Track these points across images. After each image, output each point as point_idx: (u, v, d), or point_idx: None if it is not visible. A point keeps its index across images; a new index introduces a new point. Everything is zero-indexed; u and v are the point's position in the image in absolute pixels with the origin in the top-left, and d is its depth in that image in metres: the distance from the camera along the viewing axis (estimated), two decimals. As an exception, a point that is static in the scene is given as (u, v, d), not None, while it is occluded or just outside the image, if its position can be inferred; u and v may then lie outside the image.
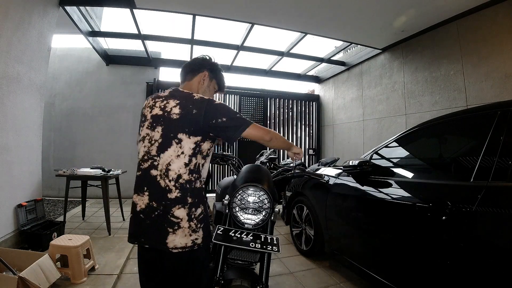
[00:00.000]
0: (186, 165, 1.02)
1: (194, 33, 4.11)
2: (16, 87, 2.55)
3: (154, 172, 1.03)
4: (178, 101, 1.06)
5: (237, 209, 1.18)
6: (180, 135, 1.02)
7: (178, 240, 0.99)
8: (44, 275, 1.71)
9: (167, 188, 1.01)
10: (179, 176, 1.01)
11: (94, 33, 4.31)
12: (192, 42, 4.43)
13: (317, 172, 2.47)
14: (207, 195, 6.16)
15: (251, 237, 1.08)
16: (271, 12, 3.43)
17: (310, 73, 6.38)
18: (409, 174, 1.74)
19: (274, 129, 6.44)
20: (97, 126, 5.29)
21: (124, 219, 3.70)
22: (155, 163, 1.03)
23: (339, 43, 4.84)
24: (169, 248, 0.99)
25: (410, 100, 3.92)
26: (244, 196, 1.19)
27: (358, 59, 5.07)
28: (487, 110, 1.39)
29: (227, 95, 6.07)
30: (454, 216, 1.26)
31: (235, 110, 1.09)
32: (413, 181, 1.66)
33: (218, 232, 1.09)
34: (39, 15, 2.86)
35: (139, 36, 4.20)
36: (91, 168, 3.27)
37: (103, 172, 3.22)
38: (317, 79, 6.58)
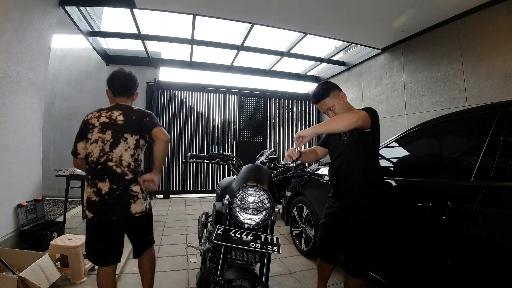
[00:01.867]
0: (132, 156, 1.45)
1: (194, 33, 4.11)
2: (16, 87, 2.55)
3: (110, 163, 1.41)
4: (121, 111, 1.48)
5: (237, 209, 1.18)
6: (126, 135, 1.44)
7: (138, 207, 1.44)
8: (44, 275, 1.72)
9: (123, 173, 1.41)
10: (129, 164, 1.44)
11: (94, 33, 4.31)
12: (192, 42, 4.43)
13: (317, 172, 2.47)
14: (207, 195, 6.14)
15: (251, 237, 1.08)
16: (271, 12, 3.43)
17: (310, 73, 6.38)
18: (409, 174, 1.74)
19: (274, 129, 6.45)
20: (97, 126, 5.28)
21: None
22: (110, 157, 1.41)
23: (339, 43, 4.84)
24: (133, 215, 1.42)
25: (410, 100, 3.92)
26: (244, 196, 1.19)
27: (358, 59, 5.07)
28: (487, 110, 1.39)
29: (227, 95, 6.07)
30: (454, 216, 1.26)
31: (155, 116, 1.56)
32: (413, 181, 1.66)
33: (218, 232, 1.09)
34: (39, 15, 2.86)
35: (139, 36, 4.20)
36: (91, 168, 3.26)
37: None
38: (317, 79, 6.58)
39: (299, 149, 1.45)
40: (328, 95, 1.60)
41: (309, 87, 7.27)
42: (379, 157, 1.98)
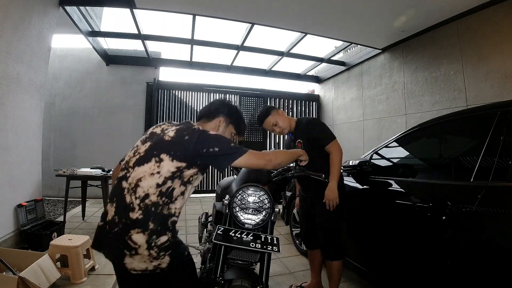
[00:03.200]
0: (158, 185, 0.93)
1: (194, 33, 4.11)
2: (16, 87, 2.55)
3: (124, 184, 0.97)
4: (178, 127, 1.05)
5: (237, 209, 1.18)
6: (162, 155, 0.96)
7: (136, 263, 0.91)
8: (44, 275, 1.71)
9: (131, 205, 0.92)
10: (146, 196, 0.92)
11: (94, 33, 4.31)
12: (192, 42, 4.43)
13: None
14: (207, 195, 6.14)
15: (251, 237, 1.08)
16: (271, 12, 3.43)
17: (310, 73, 6.38)
18: (409, 174, 1.74)
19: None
20: (97, 126, 5.29)
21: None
22: (128, 174, 0.98)
23: (339, 43, 4.84)
24: (127, 269, 0.92)
25: (410, 100, 3.92)
26: (244, 196, 1.19)
27: (358, 59, 5.07)
28: (487, 110, 1.39)
29: (227, 95, 6.07)
30: (454, 216, 1.26)
31: (235, 145, 1.04)
32: (413, 181, 1.66)
33: (218, 232, 1.09)
34: (39, 15, 2.86)
35: (139, 36, 4.20)
36: (91, 168, 3.27)
37: (103, 172, 3.22)
38: (317, 79, 6.58)
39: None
40: (270, 114, 1.84)
41: (309, 87, 7.27)
42: (379, 157, 1.99)
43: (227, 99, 1.28)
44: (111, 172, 3.26)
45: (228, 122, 1.20)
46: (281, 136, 6.50)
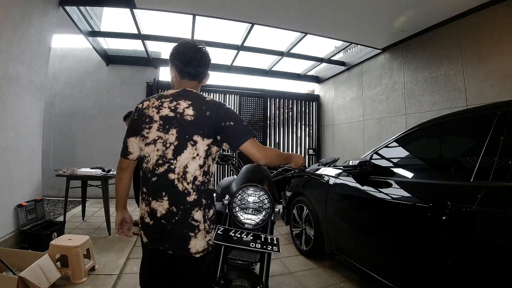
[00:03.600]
0: (201, 166, 1.01)
1: (194, 33, 4.11)
2: (16, 87, 2.55)
3: (171, 176, 0.99)
4: (190, 102, 1.03)
5: (237, 209, 1.18)
6: (195, 137, 0.99)
7: (199, 244, 1.00)
8: (44, 275, 1.71)
9: (186, 191, 0.99)
10: (195, 178, 1.00)
11: (94, 33, 4.31)
12: (192, 42, 4.43)
13: (317, 172, 2.47)
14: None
15: (251, 237, 1.08)
16: (271, 12, 3.42)
17: (310, 73, 6.38)
18: (409, 174, 1.74)
19: (274, 129, 6.45)
20: (97, 126, 5.29)
21: (124, 219, 3.70)
22: (172, 166, 0.99)
23: (339, 43, 4.84)
24: (192, 254, 1.00)
25: (410, 100, 3.92)
26: (244, 196, 1.19)
27: (358, 59, 5.07)
28: (487, 110, 1.39)
29: (227, 95, 6.07)
30: (454, 216, 1.26)
31: (248, 124, 1.08)
32: (413, 181, 1.66)
33: (218, 232, 1.08)
34: (39, 15, 2.86)
35: (139, 36, 4.20)
36: (91, 168, 3.27)
37: (103, 172, 3.22)
38: (317, 79, 6.58)
39: None
40: None
41: (309, 87, 7.27)
42: (379, 157, 1.99)
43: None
44: (111, 172, 3.26)
45: (171, 65, 1.13)
46: (281, 136, 6.51)
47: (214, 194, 1.10)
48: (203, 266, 1.05)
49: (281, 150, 6.37)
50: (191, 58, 1.08)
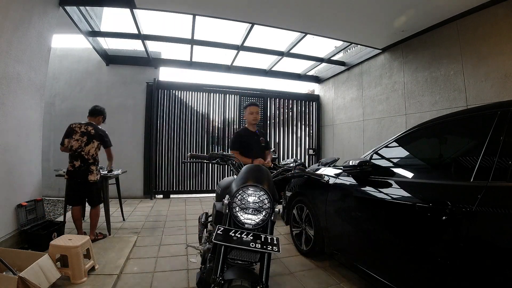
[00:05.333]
0: (95, 150, 2.81)
1: (194, 33, 4.11)
2: (16, 87, 2.55)
3: (82, 152, 2.74)
4: (92, 127, 2.88)
5: (237, 209, 1.18)
6: (94, 140, 2.79)
7: (92, 177, 2.75)
8: (44, 275, 1.71)
9: (88, 159, 2.75)
10: (92, 155, 2.80)
11: (94, 33, 4.31)
12: (192, 42, 4.43)
13: (317, 172, 2.47)
14: (207, 195, 6.15)
15: (251, 237, 1.08)
16: (271, 12, 3.42)
17: (310, 73, 6.38)
18: (409, 174, 1.74)
19: (274, 129, 6.45)
20: (97, 126, 5.28)
21: (124, 219, 3.70)
22: (82, 150, 2.74)
23: (339, 43, 4.84)
24: (89, 181, 2.73)
25: (410, 100, 3.92)
26: (244, 196, 1.19)
27: (358, 59, 5.07)
28: (487, 110, 1.39)
29: (227, 95, 6.07)
30: (454, 216, 1.26)
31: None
32: (413, 181, 1.66)
33: (218, 232, 1.09)
34: (39, 15, 2.86)
35: (139, 36, 4.20)
36: (91, 168, 3.26)
37: (103, 172, 3.21)
38: (317, 79, 6.58)
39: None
40: (258, 107, 2.68)
41: (309, 87, 7.28)
42: (379, 157, 1.99)
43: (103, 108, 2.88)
44: (111, 172, 3.26)
45: (104, 119, 3.22)
46: (281, 136, 6.51)
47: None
48: (94, 186, 2.83)
49: (281, 150, 6.37)
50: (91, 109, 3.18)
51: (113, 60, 5.35)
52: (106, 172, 3.25)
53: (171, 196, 5.60)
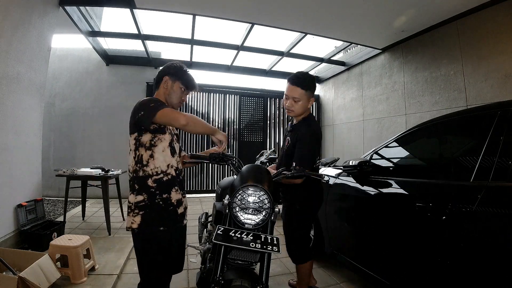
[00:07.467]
0: (134, 158, 1.27)
1: (194, 33, 4.11)
2: (16, 87, 2.55)
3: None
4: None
5: (237, 209, 1.18)
6: (129, 138, 1.30)
7: (127, 221, 1.27)
8: (44, 275, 1.71)
9: (130, 180, 1.30)
10: (130, 168, 1.29)
11: (94, 33, 4.31)
12: (192, 42, 4.43)
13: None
14: (207, 195, 6.11)
15: (251, 237, 1.08)
16: (271, 12, 3.42)
17: (310, 73, 6.37)
18: (409, 174, 1.74)
19: (274, 129, 6.45)
20: (97, 126, 5.28)
21: (124, 219, 3.70)
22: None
23: (339, 43, 4.84)
24: (126, 227, 1.29)
25: (410, 100, 3.92)
26: (244, 196, 1.18)
27: (358, 59, 5.07)
28: (487, 110, 1.39)
29: (227, 95, 6.07)
30: (454, 216, 1.26)
31: (157, 103, 1.24)
32: (413, 181, 1.66)
33: (218, 232, 1.09)
34: (39, 15, 2.86)
35: (139, 36, 4.20)
36: (91, 168, 3.27)
37: (103, 172, 3.22)
38: (317, 79, 6.58)
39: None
40: (308, 89, 1.62)
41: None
42: (379, 157, 1.99)
43: (171, 63, 1.42)
44: (111, 172, 3.26)
45: (174, 79, 1.36)
46: (281, 135, 6.50)
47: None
48: (134, 242, 1.32)
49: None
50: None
51: (113, 60, 5.35)
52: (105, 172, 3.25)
53: (171, 196, 5.59)
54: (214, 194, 2.77)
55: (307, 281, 1.80)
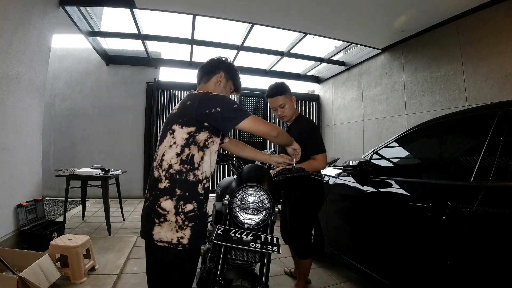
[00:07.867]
0: (178, 155, 1.02)
1: (194, 33, 4.11)
2: (16, 87, 2.55)
3: (154, 164, 1.08)
4: (181, 100, 1.12)
5: (237, 209, 1.18)
6: (174, 126, 1.04)
7: (163, 233, 0.97)
8: (44, 275, 1.71)
9: (159, 178, 1.02)
10: (170, 166, 1.02)
11: (94, 33, 4.31)
12: (192, 42, 4.43)
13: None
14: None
15: (251, 237, 1.07)
16: (271, 12, 3.42)
17: (310, 73, 6.38)
18: (409, 174, 1.74)
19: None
20: (97, 126, 5.29)
21: (124, 219, 3.70)
22: (155, 156, 1.08)
23: (339, 43, 4.84)
24: (154, 240, 0.98)
25: (410, 100, 3.92)
26: (244, 196, 1.18)
27: (358, 59, 5.07)
28: (487, 110, 1.39)
29: (227, 95, 6.07)
30: (454, 216, 1.26)
31: (239, 105, 1.07)
32: (413, 181, 1.66)
33: (218, 232, 1.08)
34: (39, 15, 2.86)
35: (139, 36, 4.20)
36: (91, 168, 3.27)
37: (103, 172, 3.21)
38: (317, 79, 6.58)
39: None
40: (284, 93, 1.79)
41: (309, 87, 7.27)
42: (379, 157, 1.99)
43: (225, 58, 1.34)
44: (111, 172, 3.26)
45: (228, 78, 1.28)
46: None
47: (198, 188, 1.04)
48: (165, 260, 0.99)
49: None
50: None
51: (113, 60, 5.35)
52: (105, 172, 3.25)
53: (171, 196, 5.59)
54: (214, 194, 2.77)
55: (306, 275, 1.94)
